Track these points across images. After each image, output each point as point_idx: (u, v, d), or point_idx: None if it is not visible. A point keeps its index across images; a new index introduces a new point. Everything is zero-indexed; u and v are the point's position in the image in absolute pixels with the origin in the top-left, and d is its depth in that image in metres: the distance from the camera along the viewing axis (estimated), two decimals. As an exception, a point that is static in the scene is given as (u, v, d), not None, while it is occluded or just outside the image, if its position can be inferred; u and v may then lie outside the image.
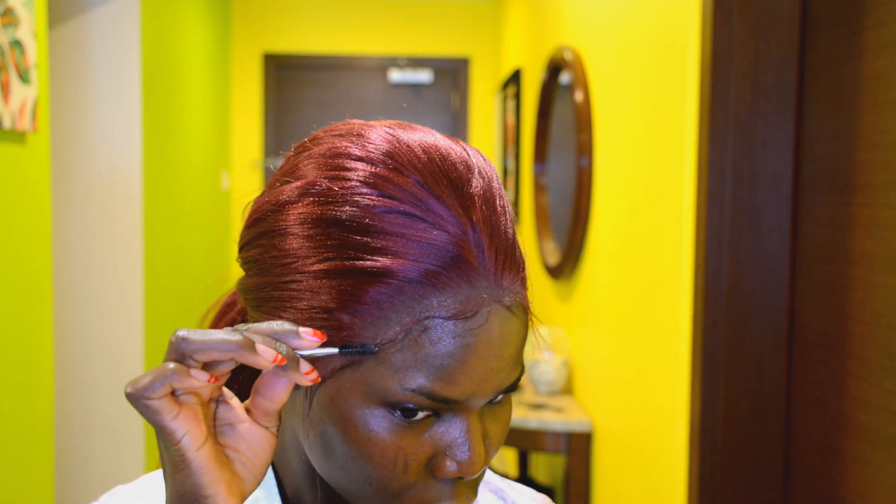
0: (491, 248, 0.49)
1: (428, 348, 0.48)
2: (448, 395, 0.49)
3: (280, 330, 0.47)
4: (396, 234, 0.48)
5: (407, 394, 0.49)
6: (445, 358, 0.48)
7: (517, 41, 4.00)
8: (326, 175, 0.51)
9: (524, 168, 3.58)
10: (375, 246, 0.48)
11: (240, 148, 4.81)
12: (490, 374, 0.49)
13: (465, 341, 0.48)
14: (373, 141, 0.52)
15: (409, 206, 0.49)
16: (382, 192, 0.49)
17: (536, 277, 3.25)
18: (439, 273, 0.48)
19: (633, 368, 1.94)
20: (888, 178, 1.15)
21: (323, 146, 0.54)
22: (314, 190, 0.51)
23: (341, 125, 0.56)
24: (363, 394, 0.50)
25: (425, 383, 0.48)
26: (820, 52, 1.35)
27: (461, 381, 0.49)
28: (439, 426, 0.51)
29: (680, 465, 1.58)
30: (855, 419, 1.23)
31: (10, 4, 1.77)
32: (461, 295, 0.48)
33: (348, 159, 0.51)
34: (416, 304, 0.48)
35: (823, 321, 1.33)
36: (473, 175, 0.51)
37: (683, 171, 1.57)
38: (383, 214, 0.49)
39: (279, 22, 4.81)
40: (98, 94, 2.91)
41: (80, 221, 2.93)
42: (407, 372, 0.48)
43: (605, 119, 2.24)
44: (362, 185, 0.50)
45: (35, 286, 1.96)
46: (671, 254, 1.64)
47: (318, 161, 0.53)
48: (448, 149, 0.52)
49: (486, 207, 0.50)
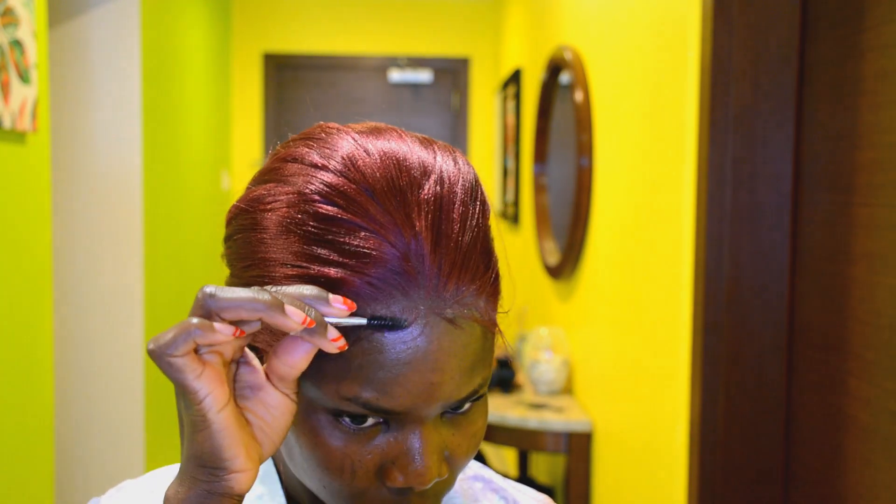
0: (434, 258, 0.48)
1: (361, 359, 0.48)
2: (386, 406, 0.48)
3: (310, 294, 0.46)
4: (342, 245, 0.48)
5: (344, 402, 0.49)
6: (378, 369, 0.48)
7: (517, 41, 4.00)
8: (289, 181, 0.51)
9: (524, 168, 3.58)
10: (322, 256, 0.48)
11: (240, 148, 4.81)
12: (431, 387, 0.48)
13: (397, 353, 0.48)
14: (335, 147, 0.52)
15: (356, 215, 0.48)
16: (333, 202, 0.49)
17: (536, 277, 3.25)
18: (375, 283, 0.48)
19: (633, 368, 1.94)
20: (888, 178, 1.15)
21: (291, 150, 0.54)
22: (276, 195, 0.51)
23: (316, 129, 0.56)
24: (312, 399, 0.50)
25: (361, 393, 0.48)
26: (820, 52, 1.35)
27: (398, 394, 0.48)
28: (389, 434, 0.51)
29: (680, 465, 1.58)
30: (855, 419, 1.23)
31: (10, 4, 1.77)
32: (397, 306, 0.48)
33: (308, 166, 0.51)
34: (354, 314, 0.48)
35: (823, 321, 1.33)
36: (428, 181, 0.50)
37: (683, 171, 1.57)
38: (334, 224, 0.49)
39: (279, 22, 4.81)
40: (98, 94, 2.91)
41: (80, 221, 2.93)
42: (343, 381, 0.48)
43: (605, 119, 2.24)
44: (316, 194, 0.50)
45: (35, 286, 1.96)
46: (671, 254, 1.64)
47: (284, 166, 0.53)
48: (408, 154, 0.52)
49: (436, 215, 0.49)
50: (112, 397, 2.98)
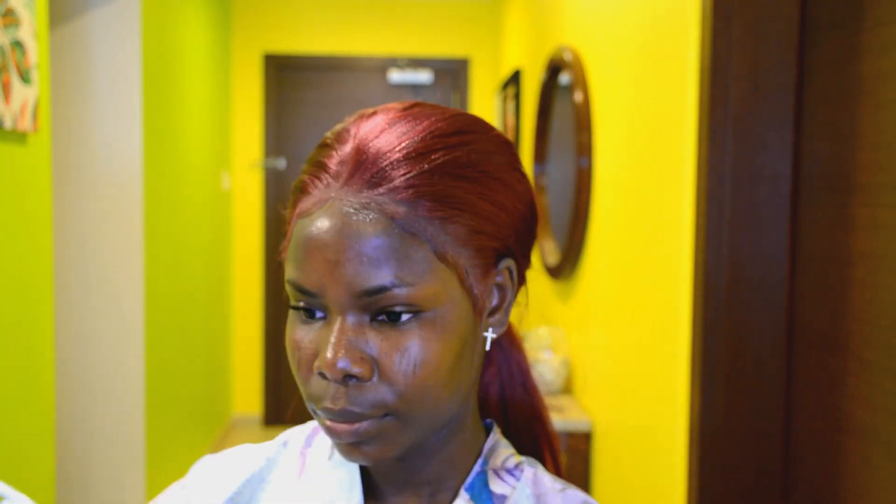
0: (354, 162, 0.56)
1: (292, 242, 0.57)
2: (304, 284, 0.56)
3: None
4: (309, 159, 0.60)
5: (287, 286, 0.58)
6: (296, 248, 0.56)
7: (517, 41, 4.00)
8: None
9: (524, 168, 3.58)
10: (305, 169, 0.60)
11: (240, 148, 4.81)
12: (331, 266, 0.54)
13: (308, 233, 0.56)
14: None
15: (327, 138, 0.60)
16: (325, 137, 0.61)
17: (536, 277, 3.25)
18: (307, 180, 0.58)
19: (632, 368, 1.94)
20: (888, 178, 1.16)
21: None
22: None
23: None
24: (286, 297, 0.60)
25: (291, 272, 0.57)
26: (820, 52, 1.35)
27: (309, 271, 0.55)
28: (324, 327, 0.57)
29: (680, 464, 1.58)
30: (855, 419, 1.23)
31: (11, 5, 1.77)
32: (315, 196, 0.57)
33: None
34: (295, 207, 0.59)
35: (823, 321, 1.33)
36: (388, 116, 0.59)
37: (683, 172, 1.57)
38: (321, 146, 0.60)
39: (279, 22, 4.81)
40: (99, 95, 2.91)
41: (81, 221, 2.93)
42: (287, 265, 0.58)
43: (605, 119, 2.24)
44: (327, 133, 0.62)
45: (36, 286, 1.97)
46: (671, 254, 1.65)
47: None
48: (404, 104, 0.61)
49: (376, 137, 0.57)
50: (112, 397, 2.98)
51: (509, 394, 0.75)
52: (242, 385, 4.89)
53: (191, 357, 3.76)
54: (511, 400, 0.76)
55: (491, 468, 0.66)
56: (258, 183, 4.84)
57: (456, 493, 0.65)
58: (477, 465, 0.65)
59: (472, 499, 0.64)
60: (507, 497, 0.65)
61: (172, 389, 3.43)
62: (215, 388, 4.37)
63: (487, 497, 0.64)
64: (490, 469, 0.66)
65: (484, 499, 0.64)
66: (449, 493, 0.65)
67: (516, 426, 0.76)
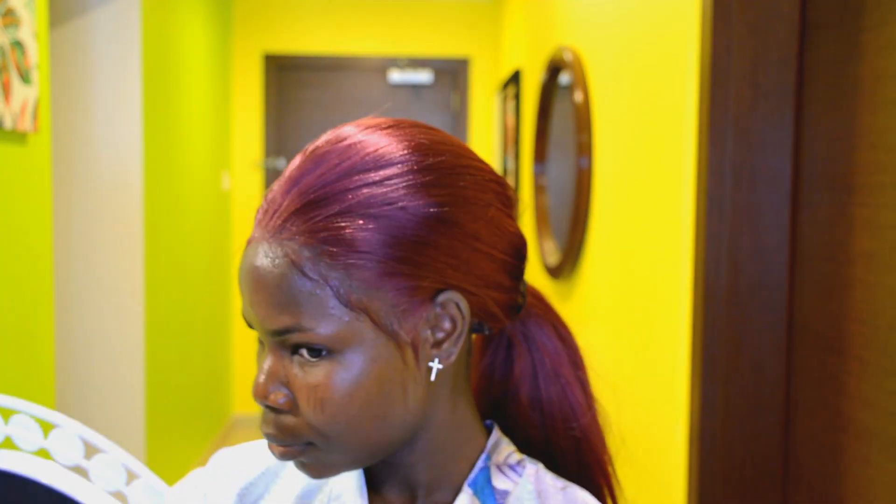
0: (273, 204, 0.59)
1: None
2: (244, 315, 0.61)
3: None
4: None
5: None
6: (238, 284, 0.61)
7: (517, 41, 4.00)
8: None
9: (524, 168, 3.58)
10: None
11: (240, 148, 4.82)
12: (251, 305, 0.59)
13: (239, 269, 0.60)
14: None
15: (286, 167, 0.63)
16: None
17: (536, 277, 3.25)
18: (258, 210, 0.61)
19: (632, 368, 1.94)
20: (887, 178, 1.16)
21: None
22: None
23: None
24: None
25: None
26: (820, 52, 1.35)
27: (244, 306, 0.60)
28: (262, 354, 0.62)
29: (680, 464, 1.58)
30: (855, 419, 1.23)
31: (11, 5, 1.77)
32: (252, 233, 0.61)
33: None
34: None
35: (823, 321, 1.33)
36: (325, 137, 0.61)
37: (683, 172, 1.57)
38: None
39: (279, 22, 4.81)
40: (99, 95, 2.91)
41: (81, 222, 2.93)
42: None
43: (605, 119, 2.24)
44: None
45: (36, 286, 1.97)
46: (671, 254, 1.65)
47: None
48: (329, 134, 0.62)
49: (296, 170, 0.60)
50: (113, 397, 2.98)
51: (545, 397, 0.73)
52: (242, 385, 4.89)
53: (191, 357, 3.76)
54: (547, 407, 0.73)
55: (494, 464, 0.67)
56: (258, 183, 4.84)
57: (458, 489, 0.66)
58: (480, 461, 0.66)
59: (476, 494, 0.65)
60: (509, 492, 0.65)
61: (172, 389, 3.43)
62: (215, 388, 4.37)
63: (490, 492, 0.65)
64: (493, 465, 0.66)
65: (487, 494, 0.65)
66: (451, 491, 0.66)
67: (557, 445, 0.73)
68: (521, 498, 0.66)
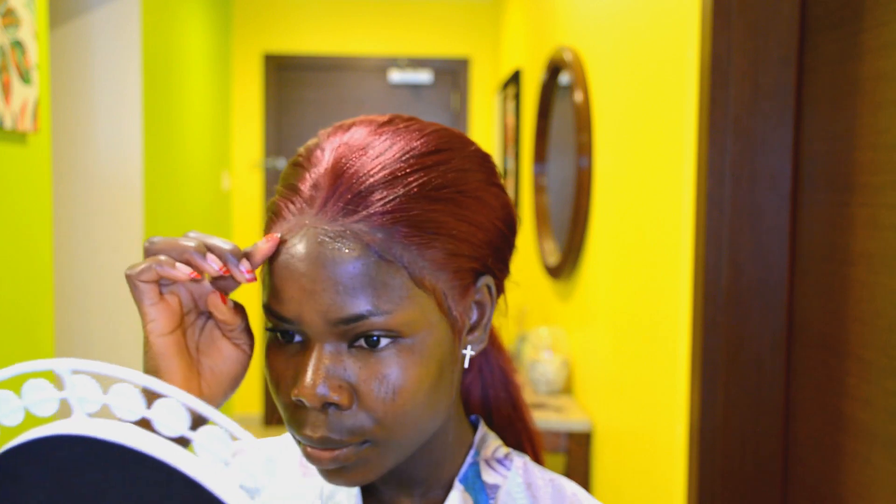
0: (329, 187, 0.56)
1: (265, 268, 0.57)
2: (280, 311, 0.55)
3: (228, 249, 0.54)
4: (282, 181, 0.59)
5: (264, 311, 0.57)
6: (272, 276, 0.56)
7: (517, 41, 4.00)
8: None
9: (524, 168, 3.58)
10: (279, 190, 0.59)
11: (240, 148, 4.82)
12: (306, 294, 0.54)
13: (282, 259, 0.55)
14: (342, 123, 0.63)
15: (300, 158, 0.59)
16: (297, 154, 0.60)
17: (536, 277, 3.25)
18: (281, 204, 0.57)
19: (632, 368, 1.94)
20: (887, 178, 1.16)
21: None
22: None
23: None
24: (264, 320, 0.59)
25: (267, 299, 0.56)
26: (819, 52, 1.35)
27: (286, 299, 0.55)
28: (302, 353, 0.56)
29: (680, 464, 1.58)
30: (854, 419, 1.23)
31: (11, 5, 1.77)
32: (291, 222, 0.56)
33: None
34: (271, 232, 0.58)
35: (823, 321, 1.33)
36: (363, 135, 0.58)
37: (683, 171, 1.57)
38: (294, 169, 0.59)
39: (279, 22, 4.81)
40: (99, 95, 2.91)
41: (81, 222, 2.93)
42: (263, 291, 0.57)
43: (605, 119, 2.24)
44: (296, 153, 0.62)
45: (36, 286, 1.97)
46: (671, 254, 1.65)
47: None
48: (378, 120, 0.60)
49: (351, 159, 0.57)
50: (112, 397, 2.98)
51: (492, 395, 0.76)
52: (242, 385, 4.89)
53: (191, 357, 3.76)
54: (494, 401, 0.76)
55: (482, 459, 0.67)
56: (258, 183, 4.84)
57: (450, 486, 0.66)
58: (469, 457, 0.66)
59: (467, 489, 0.65)
60: (499, 487, 0.66)
61: (172, 389, 3.42)
62: (215, 388, 4.36)
63: (480, 487, 0.66)
64: (482, 460, 0.67)
65: (477, 489, 0.65)
66: (442, 489, 0.66)
67: (499, 426, 0.77)
68: (511, 492, 0.66)
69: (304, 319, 0.54)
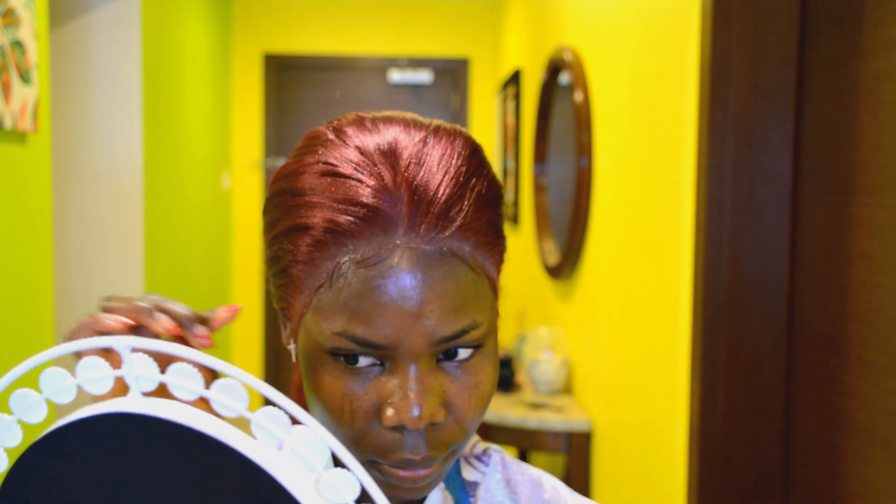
0: (411, 202, 0.51)
1: (345, 291, 0.51)
2: (370, 338, 0.51)
3: (183, 315, 0.51)
4: (327, 193, 0.52)
5: (334, 337, 0.52)
6: (359, 300, 0.51)
7: (517, 41, 4.00)
8: (297, 156, 0.57)
9: (524, 168, 3.58)
10: (309, 204, 0.53)
11: (240, 148, 4.82)
12: (411, 318, 0.51)
13: (375, 284, 0.51)
14: (345, 122, 0.57)
15: (344, 167, 0.53)
16: (325, 161, 0.54)
17: (536, 277, 3.25)
18: (355, 222, 0.51)
19: (632, 368, 1.94)
20: (888, 178, 1.16)
21: (314, 130, 0.60)
22: (284, 170, 0.57)
23: (348, 114, 0.60)
24: (315, 342, 0.54)
25: (346, 325, 0.51)
26: (820, 52, 1.35)
27: (380, 325, 0.51)
28: (383, 375, 0.53)
29: (680, 464, 1.58)
30: (855, 419, 1.23)
31: (11, 5, 1.77)
32: (375, 242, 0.51)
33: (318, 141, 0.56)
34: (336, 251, 0.52)
35: (823, 321, 1.33)
36: (413, 140, 0.54)
37: (683, 171, 1.57)
38: (321, 177, 0.53)
39: (279, 22, 4.81)
40: (99, 95, 2.91)
41: (81, 222, 2.93)
42: (332, 315, 0.52)
43: (605, 119, 2.24)
44: (311, 156, 0.55)
45: (36, 287, 1.97)
46: (671, 253, 1.65)
47: (300, 144, 0.59)
48: (405, 120, 0.56)
49: (416, 168, 0.53)
50: (112, 397, 2.98)
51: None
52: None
53: (191, 357, 3.76)
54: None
55: (462, 455, 0.67)
56: (258, 183, 4.84)
57: None
58: None
59: (447, 488, 0.65)
60: (479, 484, 0.66)
61: (172, 389, 3.42)
62: (215, 388, 4.36)
63: (460, 485, 0.65)
64: (461, 457, 0.67)
65: (457, 486, 0.65)
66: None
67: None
68: (491, 489, 0.66)
69: (402, 343, 0.51)
